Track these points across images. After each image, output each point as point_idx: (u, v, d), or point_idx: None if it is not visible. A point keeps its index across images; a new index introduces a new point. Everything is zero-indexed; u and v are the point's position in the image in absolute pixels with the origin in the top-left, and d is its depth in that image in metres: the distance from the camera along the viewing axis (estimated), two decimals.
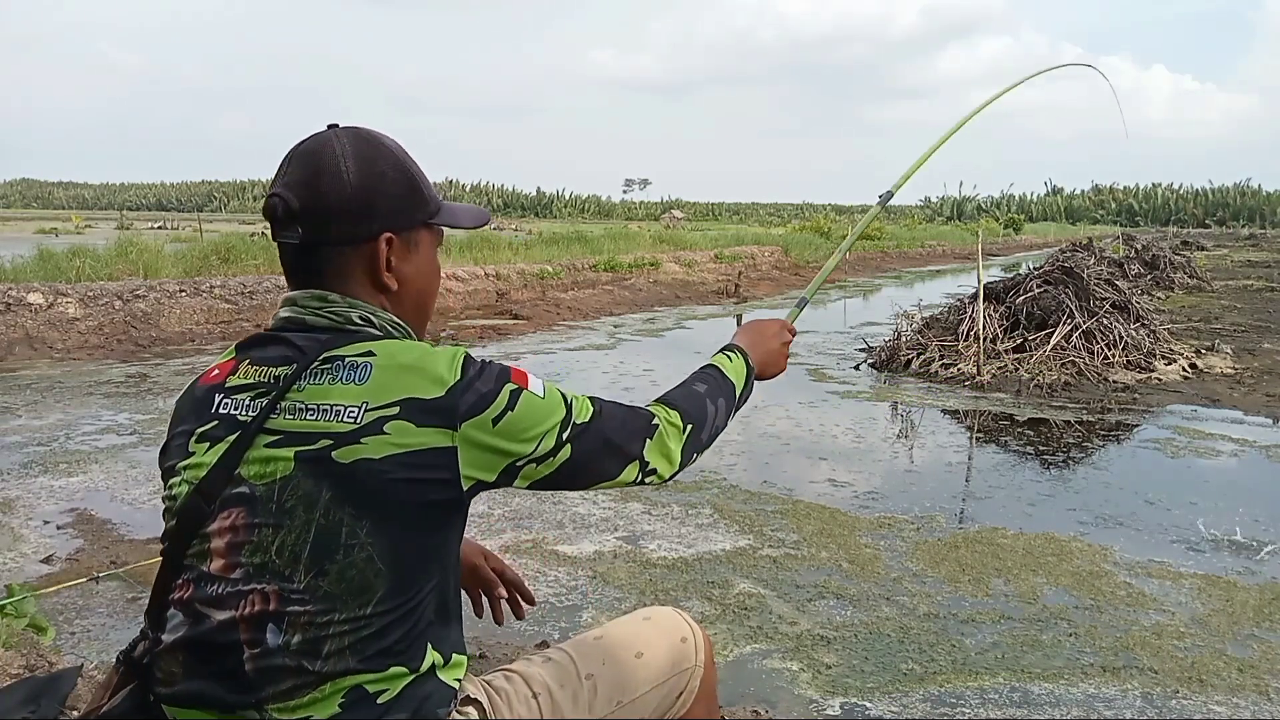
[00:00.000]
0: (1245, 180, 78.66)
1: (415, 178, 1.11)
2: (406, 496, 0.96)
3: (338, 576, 0.95)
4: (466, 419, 0.98)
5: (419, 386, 0.97)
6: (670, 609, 1.34)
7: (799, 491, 4.08)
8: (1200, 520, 3.72)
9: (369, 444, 0.95)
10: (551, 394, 1.07)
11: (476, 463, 0.99)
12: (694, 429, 1.18)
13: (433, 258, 1.16)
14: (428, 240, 1.14)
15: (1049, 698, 2.34)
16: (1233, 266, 20.79)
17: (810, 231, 24.99)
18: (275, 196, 1.04)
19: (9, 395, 5.82)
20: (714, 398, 1.24)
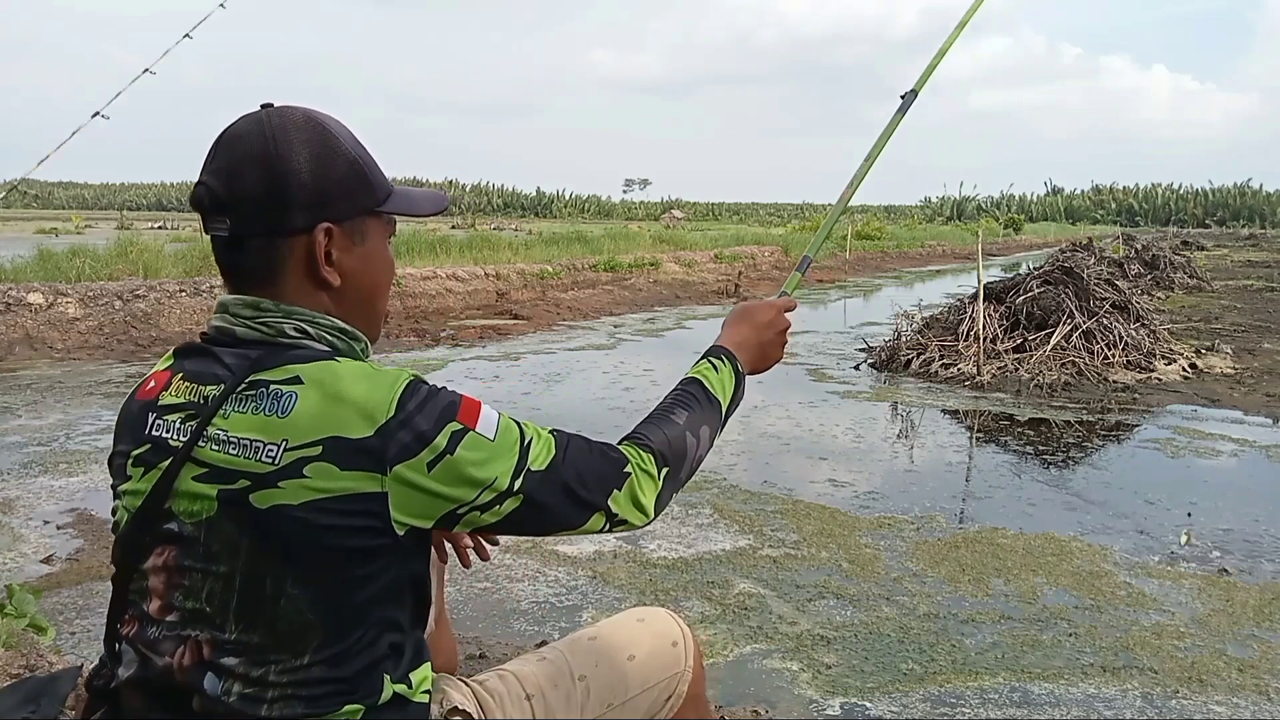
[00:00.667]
0: (1245, 180, 78.67)
1: (359, 161, 0.99)
2: (333, 544, 0.87)
3: (268, 629, 0.88)
4: (398, 461, 0.87)
5: (346, 423, 0.87)
6: (664, 611, 1.33)
7: (799, 491, 4.08)
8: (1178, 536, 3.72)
9: (287, 489, 0.85)
10: (505, 435, 0.94)
11: (410, 508, 0.89)
12: (671, 472, 1.05)
13: (382, 250, 1.04)
14: (376, 230, 1.02)
15: (1049, 698, 2.34)
16: (1233, 266, 20.80)
17: (810, 231, 25.01)
18: (200, 184, 0.95)
19: (9, 395, 5.82)
20: (696, 427, 1.10)
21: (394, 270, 1.08)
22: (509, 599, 2.87)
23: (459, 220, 39.19)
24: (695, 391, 1.15)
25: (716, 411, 1.14)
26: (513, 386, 6.42)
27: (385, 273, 1.06)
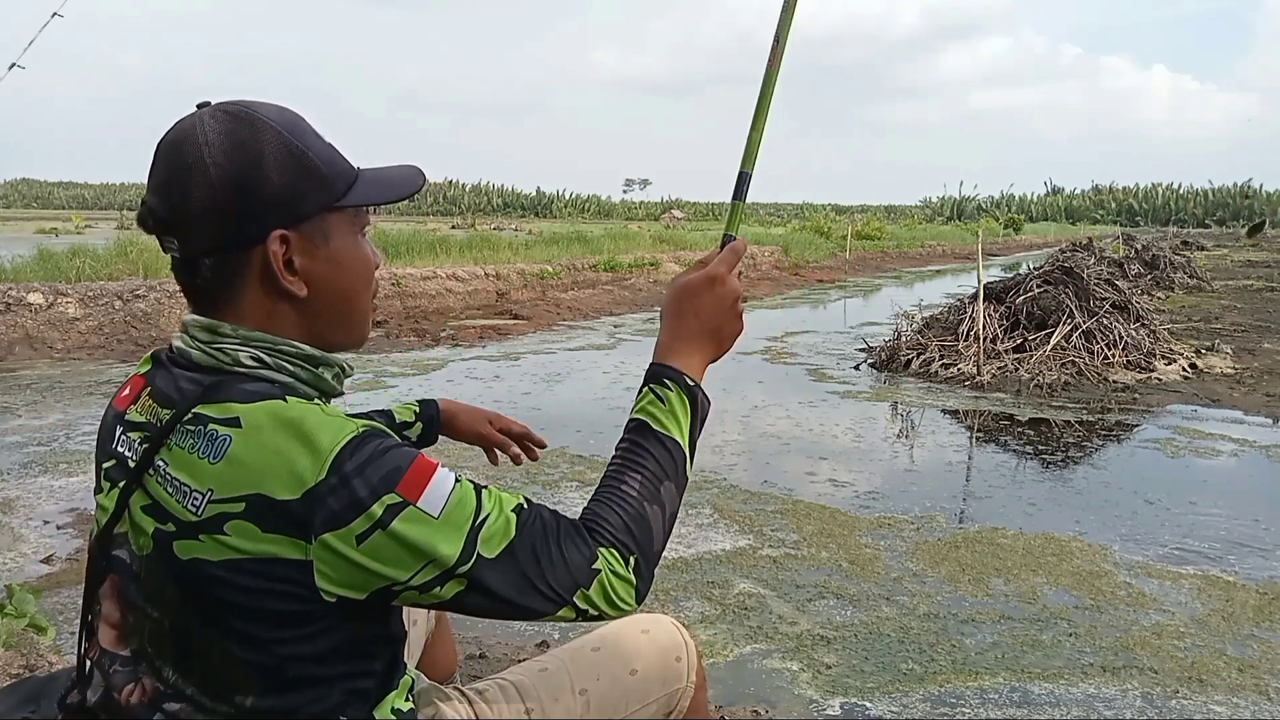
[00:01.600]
0: (1245, 180, 78.68)
1: (306, 155, 0.89)
2: (256, 606, 0.80)
3: (203, 679, 0.84)
4: (325, 530, 0.78)
5: (272, 482, 0.79)
6: (669, 620, 1.29)
7: (799, 491, 4.08)
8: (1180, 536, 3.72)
9: (206, 544, 0.80)
10: (454, 510, 0.83)
11: (338, 580, 0.80)
12: (643, 558, 0.92)
13: (354, 247, 0.94)
14: (341, 227, 0.93)
15: (1049, 698, 2.34)
16: (1233, 266, 20.79)
17: (810, 231, 24.99)
18: (143, 204, 0.88)
19: (9, 395, 5.82)
20: (654, 492, 0.95)
21: (373, 265, 0.98)
22: None
23: (459, 220, 39.16)
24: (644, 442, 0.97)
25: (674, 455, 0.98)
26: (513, 386, 6.42)
27: (361, 271, 0.96)
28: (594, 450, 4.61)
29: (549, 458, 4.44)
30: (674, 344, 1.02)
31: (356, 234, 0.95)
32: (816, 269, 18.79)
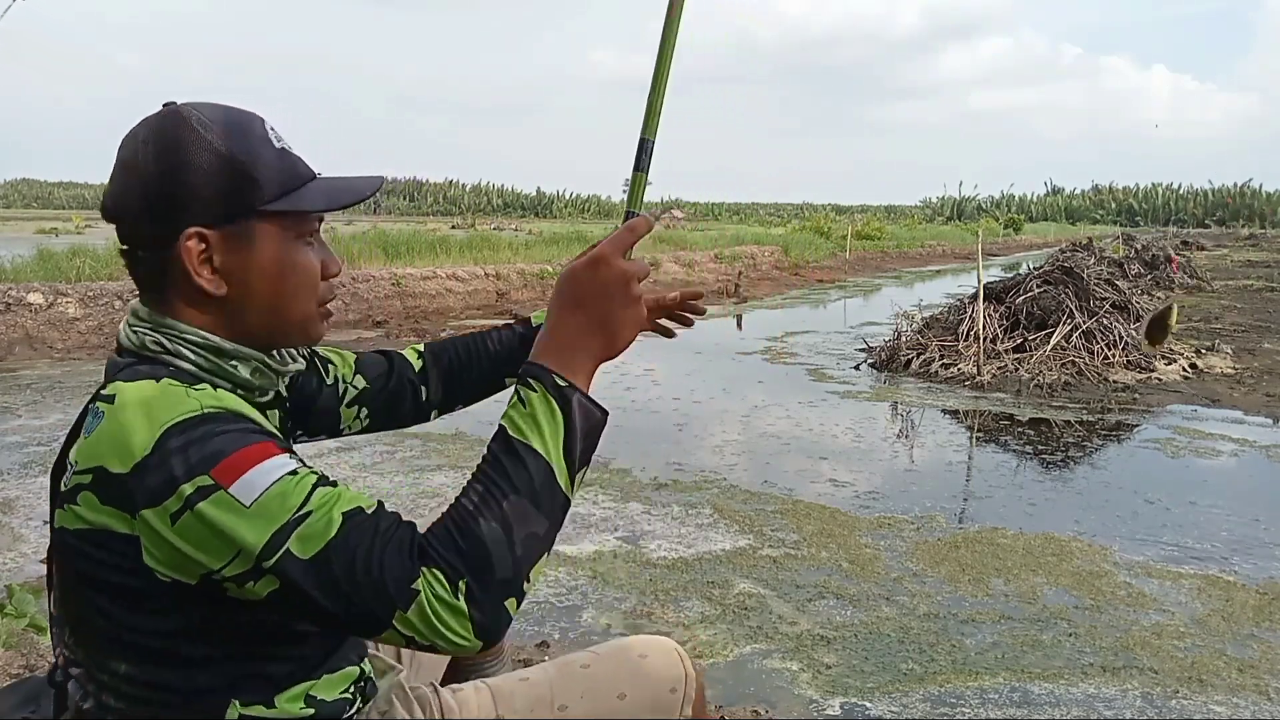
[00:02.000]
0: (1245, 180, 78.73)
1: (233, 158, 0.90)
2: (103, 579, 0.83)
3: (84, 644, 0.88)
4: (145, 506, 0.79)
5: (112, 455, 0.81)
6: (671, 645, 1.21)
7: (799, 491, 4.08)
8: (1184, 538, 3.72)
9: (66, 514, 0.83)
10: (270, 502, 0.79)
11: (163, 559, 0.80)
12: (475, 586, 0.79)
13: (285, 253, 0.94)
14: (269, 232, 0.92)
15: (1049, 698, 2.34)
16: (1233, 266, 20.79)
17: (810, 231, 25.00)
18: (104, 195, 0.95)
19: (9, 395, 5.82)
20: (492, 515, 0.81)
21: (315, 271, 0.97)
22: None
23: (459, 220, 39.17)
24: (496, 450, 0.85)
25: (529, 466, 0.83)
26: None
27: (293, 276, 0.95)
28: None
29: None
30: (550, 338, 0.88)
31: (296, 239, 0.95)
32: (816, 269, 18.79)
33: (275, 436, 0.87)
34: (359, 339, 8.87)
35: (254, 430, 0.85)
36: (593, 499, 3.84)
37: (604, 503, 3.81)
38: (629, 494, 3.94)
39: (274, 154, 0.93)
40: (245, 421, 0.86)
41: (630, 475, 4.21)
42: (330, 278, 1.01)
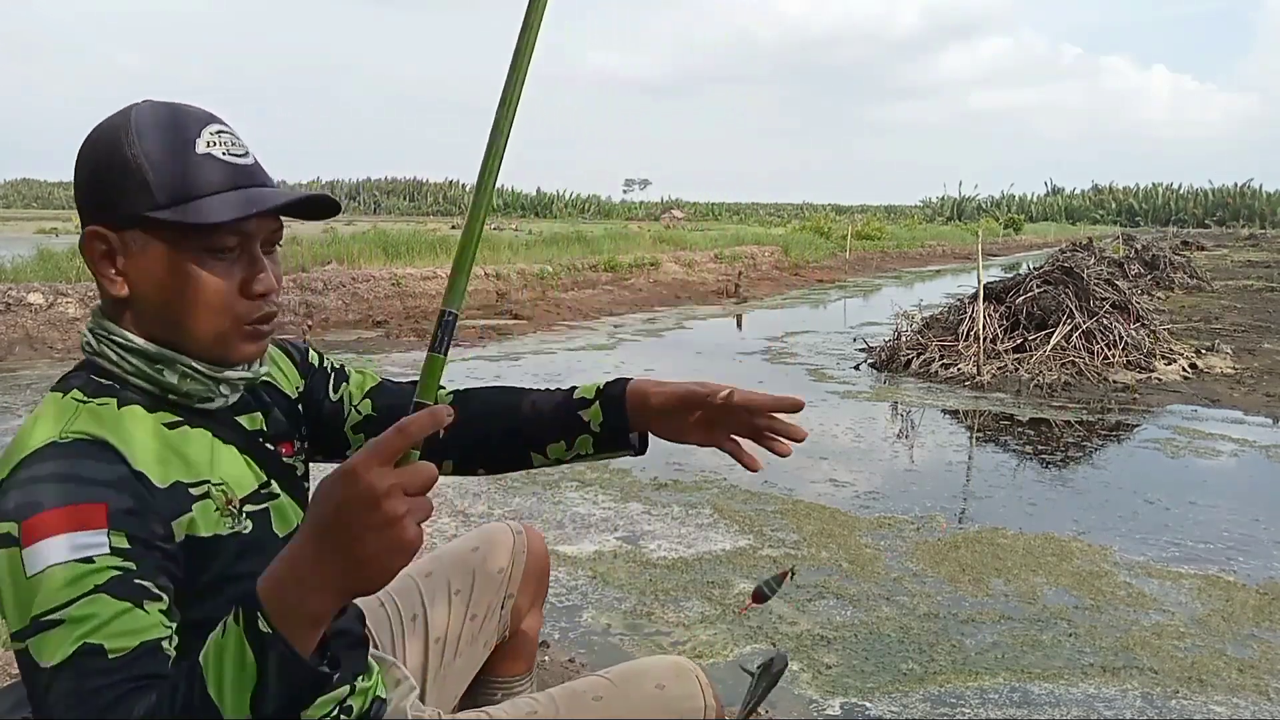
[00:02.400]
0: (1246, 180, 78.74)
1: (134, 162, 0.88)
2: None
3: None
4: None
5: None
6: (692, 675, 1.15)
7: (799, 491, 4.08)
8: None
9: None
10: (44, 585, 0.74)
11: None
12: None
13: (181, 264, 0.89)
14: (164, 241, 0.89)
15: (1049, 698, 2.34)
16: (1233, 266, 20.80)
17: (810, 231, 25.00)
18: None
19: (9, 395, 5.82)
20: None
21: (211, 289, 0.91)
22: None
23: (459, 220, 39.16)
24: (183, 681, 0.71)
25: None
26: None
27: (187, 291, 0.90)
28: None
29: None
30: (282, 561, 0.70)
31: (201, 251, 0.90)
32: (816, 269, 18.80)
33: (124, 494, 0.81)
34: (359, 339, 8.87)
35: (98, 482, 0.80)
36: (593, 499, 3.84)
37: (604, 503, 3.81)
38: (629, 494, 3.94)
39: (186, 160, 0.89)
40: (103, 462, 0.82)
41: (630, 475, 4.21)
42: (256, 296, 0.93)
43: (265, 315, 0.96)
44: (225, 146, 0.91)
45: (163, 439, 0.91)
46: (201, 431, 0.96)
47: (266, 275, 0.94)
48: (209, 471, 0.94)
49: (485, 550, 1.41)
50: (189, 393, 0.94)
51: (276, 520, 1.00)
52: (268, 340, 1.00)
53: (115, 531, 0.78)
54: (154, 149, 0.88)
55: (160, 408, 0.94)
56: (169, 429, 0.93)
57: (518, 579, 1.42)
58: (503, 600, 1.41)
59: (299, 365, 1.19)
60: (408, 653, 1.32)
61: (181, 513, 0.88)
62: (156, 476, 0.87)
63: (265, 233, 0.95)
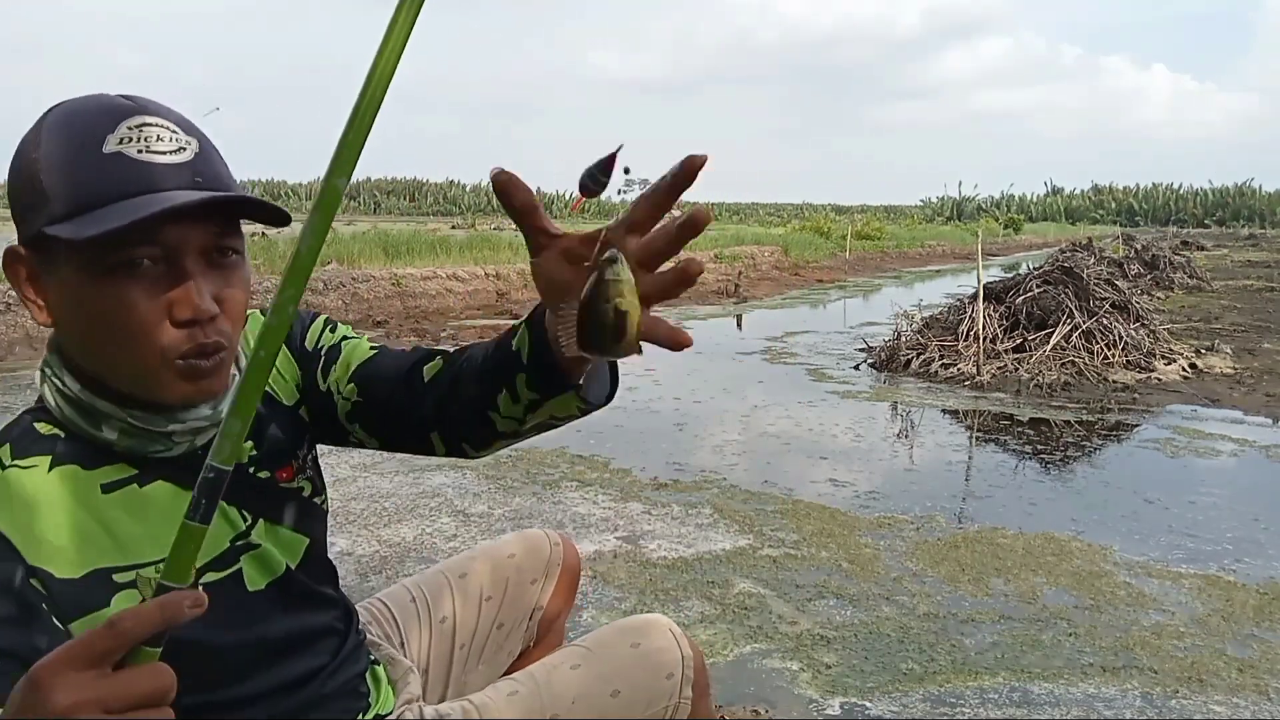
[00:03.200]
0: (1246, 180, 78.81)
1: (34, 168, 0.77)
2: None
3: None
4: None
5: None
6: (666, 628, 1.18)
7: (799, 491, 4.08)
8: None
9: None
10: None
11: None
12: None
13: (89, 285, 0.77)
14: (70, 258, 0.77)
15: (1049, 697, 2.34)
16: (1232, 266, 20.79)
17: (810, 231, 24.99)
18: None
19: (9, 395, 5.82)
20: None
21: (126, 314, 0.77)
22: None
23: (459, 220, 39.17)
24: None
25: None
26: None
27: (99, 318, 0.77)
28: (594, 450, 4.61)
29: (549, 458, 4.44)
30: None
31: (110, 270, 0.76)
32: (816, 269, 18.79)
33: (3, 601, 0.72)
34: None
35: None
36: (593, 499, 3.84)
37: (604, 503, 3.81)
38: (629, 494, 3.94)
39: (87, 163, 0.77)
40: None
41: (630, 475, 4.21)
42: (183, 324, 0.78)
43: (199, 348, 0.80)
44: (145, 143, 0.78)
45: (93, 511, 0.80)
46: (158, 486, 0.85)
47: (192, 296, 0.78)
48: (148, 548, 0.82)
49: (521, 559, 1.39)
50: (131, 448, 0.83)
51: (253, 574, 0.92)
52: (220, 379, 0.83)
53: None
54: (55, 153, 0.77)
55: (104, 461, 0.83)
56: (108, 492, 0.82)
57: (549, 592, 1.40)
58: (531, 612, 1.39)
59: (295, 354, 1.03)
60: (431, 655, 1.30)
61: (94, 608, 0.77)
62: (66, 568, 0.77)
63: (200, 243, 0.79)
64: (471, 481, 4.04)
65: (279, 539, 0.96)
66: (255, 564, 0.93)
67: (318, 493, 1.04)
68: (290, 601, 0.97)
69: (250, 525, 0.93)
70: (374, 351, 1.03)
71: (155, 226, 0.76)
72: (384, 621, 1.30)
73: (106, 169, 0.77)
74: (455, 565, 1.39)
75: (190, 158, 0.80)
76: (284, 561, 0.96)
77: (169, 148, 0.79)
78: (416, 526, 3.49)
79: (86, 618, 0.77)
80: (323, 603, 1.04)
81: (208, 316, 0.79)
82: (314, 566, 1.02)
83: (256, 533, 0.93)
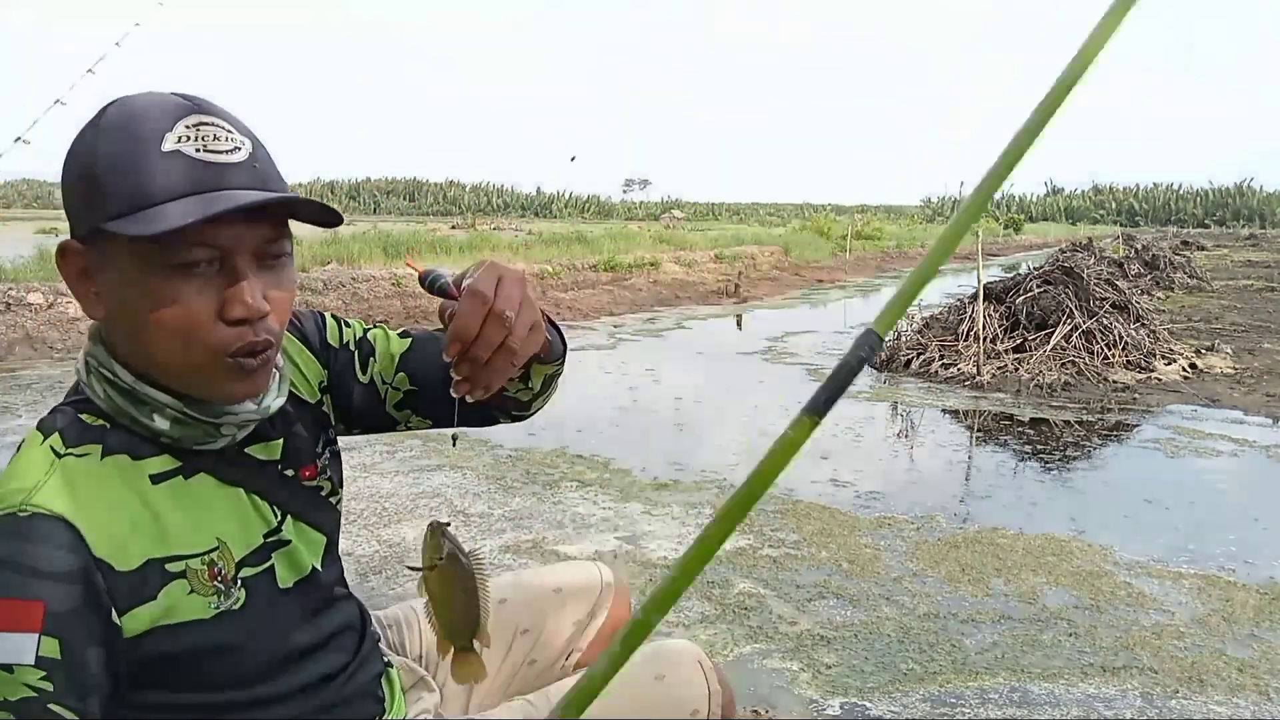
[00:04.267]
0: (1246, 180, 78.81)
1: (94, 165, 0.79)
2: None
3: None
4: None
5: None
6: (695, 660, 1.15)
7: (799, 491, 4.08)
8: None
9: None
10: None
11: None
12: None
13: (142, 283, 0.78)
14: (124, 255, 0.78)
15: (1049, 698, 2.34)
16: (1232, 266, 20.79)
17: (810, 231, 24.99)
18: None
19: (9, 395, 5.82)
20: None
21: (177, 313, 0.79)
22: None
23: (459, 220, 39.16)
24: None
25: None
26: None
27: (151, 315, 0.78)
28: (594, 450, 4.61)
29: (549, 458, 4.44)
30: None
31: (164, 268, 0.78)
32: (816, 269, 18.79)
33: (73, 588, 0.73)
34: None
35: (43, 575, 0.72)
36: (593, 499, 3.84)
37: (604, 503, 3.81)
38: (629, 494, 3.94)
39: (146, 161, 0.78)
40: (58, 548, 0.74)
41: (630, 475, 4.21)
42: (235, 322, 0.80)
43: (249, 346, 0.82)
44: (202, 142, 0.79)
45: (145, 501, 0.81)
46: (201, 479, 0.87)
47: (245, 296, 0.80)
48: (195, 540, 0.83)
49: (567, 595, 1.30)
50: (181, 438, 0.85)
51: (283, 572, 0.92)
52: (265, 376, 0.86)
53: (48, 636, 0.71)
54: (114, 150, 0.78)
55: (151, 453, 0.84)
56: (157, 483, 0.83)
57: (590, 637, 1.31)
58: (569, 653, 1.30)
59: (318, 352, 1.05)
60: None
61: (147, 599, 0.79)
62: (123, 559, 0.78)
63: (254, 244, 0.81)
64: (471, 481, 4.05)
65: (304, 537, 0.96)
66: (286, 561, 0.93)
67: (334, 492, 1.04)
68: (314, 600, 0.97)
69: (280, 522, 0.94)
70: (410, 339, 1.10)
71: (213, 227, 0.78)
72: (403, 629, 1.26)
73: (165, 168, 0.78)
74: (496, 588, 1.27)
75: (245, 157, 0.81)
76: (310, 560, 0.96)
77: (226, 147, 0.80)
78: (416, 526, 3.49)
79: (139, 609, 0.78)
80: (341, 601, 1.03)
81: (259, 315, 0.81)
82: (332, 565, 1.02)
83: (286, 529, 0.94)
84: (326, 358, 1.06)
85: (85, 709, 0.73)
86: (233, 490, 0.89)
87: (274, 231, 0.83)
